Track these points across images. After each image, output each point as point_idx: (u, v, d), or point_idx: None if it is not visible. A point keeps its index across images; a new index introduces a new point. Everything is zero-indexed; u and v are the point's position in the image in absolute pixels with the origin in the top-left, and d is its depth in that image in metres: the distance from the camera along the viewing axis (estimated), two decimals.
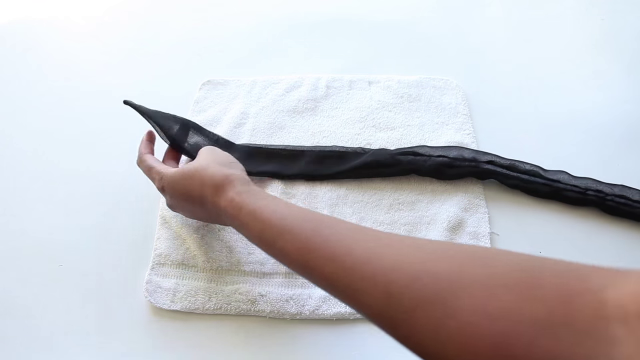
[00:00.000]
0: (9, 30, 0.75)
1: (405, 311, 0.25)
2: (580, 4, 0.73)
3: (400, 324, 0.25)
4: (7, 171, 0.56)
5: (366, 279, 0.27)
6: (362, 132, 0.57)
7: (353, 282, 0.28)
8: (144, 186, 0.53)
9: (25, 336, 0.43)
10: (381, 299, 0.26)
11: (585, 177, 0.50)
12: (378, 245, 0.29)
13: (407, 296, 0.25)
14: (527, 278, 0.23)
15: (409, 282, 0.25)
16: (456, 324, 0.23)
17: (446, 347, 0.23)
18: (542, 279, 0.23)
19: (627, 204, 0.48)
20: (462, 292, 0.23)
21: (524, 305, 0.21)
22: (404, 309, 0.25)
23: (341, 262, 0.29)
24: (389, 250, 0.28)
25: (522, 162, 0.51)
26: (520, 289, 0.22)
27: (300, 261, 0.32)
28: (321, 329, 0.43)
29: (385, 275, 0.27)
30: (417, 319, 0.24)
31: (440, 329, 0.23)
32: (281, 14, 0.75)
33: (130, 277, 0.46)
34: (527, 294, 0.22)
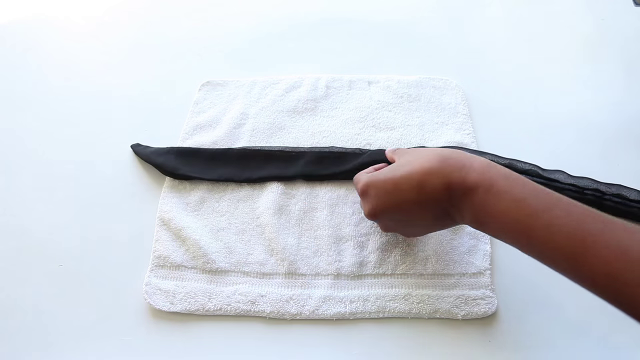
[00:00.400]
0: (9, 30, 0.75)
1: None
2: (579, 3, 0.73)
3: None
4: (7, 171, 0.56)
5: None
6: (362, 132, 0.57)
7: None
8: (144, 187, 0.53)
9: (24, 336, 0.43)
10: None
11: (583, 177, 0.50)
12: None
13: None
14: None
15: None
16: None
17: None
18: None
19: (624, 204, 0.48)
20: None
21: None
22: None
23: (626, 253, 0.26)
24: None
25: (521, 162, 0.51)
26: None
27: (569, 247, 0.28)
28: (321, 329, 0.43)
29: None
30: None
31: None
32: (281, 14, 0.75)
33: (130, 279, 0.46)
34: None
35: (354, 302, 0.43)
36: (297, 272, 0.46)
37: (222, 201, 0.51)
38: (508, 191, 0.32)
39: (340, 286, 0.45)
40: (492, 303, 0.43)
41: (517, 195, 0.32)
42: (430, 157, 0.37)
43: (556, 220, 0.29)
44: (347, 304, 0.43)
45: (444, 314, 0.43)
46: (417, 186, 0.36)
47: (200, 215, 0.50)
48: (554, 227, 0.29)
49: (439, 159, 0.36)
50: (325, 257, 0.47)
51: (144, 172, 0.55)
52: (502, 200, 0.32)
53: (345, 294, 0.44)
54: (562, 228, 0.29)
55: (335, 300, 0.44)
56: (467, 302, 0.43)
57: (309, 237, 0.48)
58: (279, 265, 0.46)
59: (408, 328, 0.43)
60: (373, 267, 0.46)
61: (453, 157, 0.36)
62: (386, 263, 0.46)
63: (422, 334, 0.42)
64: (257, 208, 0.50)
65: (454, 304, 0.43)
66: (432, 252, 0.46)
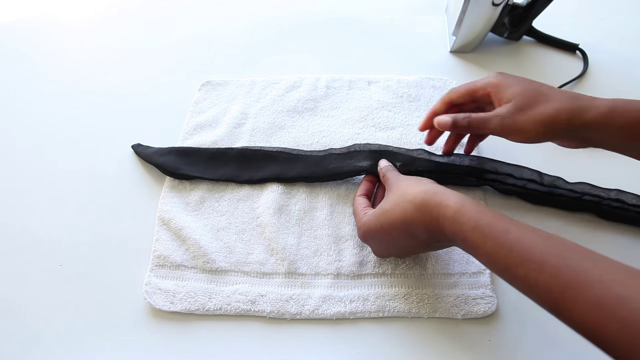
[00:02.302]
0: (10, 30, 0.75)
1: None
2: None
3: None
4: (7, 171, 0.56)
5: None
6: (362, 131, 0.57)
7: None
8: (144, 187, 0.53)
9: (24, 336, 0.43)
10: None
11: (581, 182, 0.50)
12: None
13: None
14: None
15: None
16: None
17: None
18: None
19: (623, 208, 0.47)
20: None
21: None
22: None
23: (611, 310, 0.25)
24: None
25: (522, 167, 0.50)
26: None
27: (549, 299, 0.29)
28: (321, 329, 0.43)
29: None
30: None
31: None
32: (281, 14, 0.75)
33: (130, 278, 0.46)
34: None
35: (353, 302, 0.43)
36: (297, 272, 0.46)
37: (222, 201, 0.51)
38: (480, 246, 0.33)
39: (340, 286, 0.45)
40: (492, 302, 0.43)
41: (488, 249, 0.32)
42: (407, 207, 0.38)
43: (531, 274, 0.29)
44: (347, 304, 0.43)
45: (444, 313, 0.42)
46: (405, 233, 0.39)
47: (200, 215, 0.50)
48: (530, 281, 0.30)
49: (415, 208, 0.37)
50: (325, 257, 0.47)
51: (143, 172, 0.55)
52: (477, 253, 0.34)
53: (345, 294, 0.44)
54: (538, 282, 0.29)
55: (335, 299, 0.44)
56: (467, 301, 0.43)
57: (309, 236, 0.48)
58: (279, 264, 0.46)
59: (408, 327, 0.42)
60: (373, 267, 0.46)
61: (427, 205, 0.37)
62: (386, 262, 0.46)
63: (422, 334, 0.42)
64: (257, 208, 0.50)
65: (453, 303, 0.43)
66: (431, 252, 0.46)
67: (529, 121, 0.40)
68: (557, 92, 0.41)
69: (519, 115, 0.40)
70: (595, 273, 0.27)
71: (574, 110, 0.39)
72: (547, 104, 0.40)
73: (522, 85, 0.42)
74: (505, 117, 0.41)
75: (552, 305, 0.29)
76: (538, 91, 0.41)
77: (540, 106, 0.40)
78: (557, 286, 0.28)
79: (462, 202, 0.35)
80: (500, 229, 0.32)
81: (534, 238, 0.31)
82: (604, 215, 0.48)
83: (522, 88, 0.42)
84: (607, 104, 0.38)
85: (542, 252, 0.29)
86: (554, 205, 0.49)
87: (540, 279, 0.29)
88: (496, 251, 0.32)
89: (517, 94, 0.41)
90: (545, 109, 0.40)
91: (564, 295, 0.27)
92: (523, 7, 0.62)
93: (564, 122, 0.39)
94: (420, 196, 0.37)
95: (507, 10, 0.62)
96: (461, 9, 0.60)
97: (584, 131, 0.39)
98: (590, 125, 0.38)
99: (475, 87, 0.45)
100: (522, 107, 0.41)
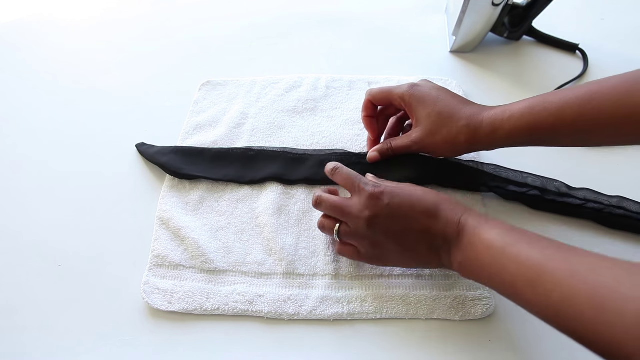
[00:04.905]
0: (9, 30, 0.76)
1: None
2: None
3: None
4: (7, 171, 0.56)
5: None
6: (362, 132, 0.56)
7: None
8: (143, 187, 0.53)
9: (23, 336, 0.44)
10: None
11: (584, 188, 0.49)
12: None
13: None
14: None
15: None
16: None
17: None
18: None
19: (625, 216, 0.47)
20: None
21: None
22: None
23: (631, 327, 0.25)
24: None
25: (525, 173, 0.50)
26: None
27: (550, 314, 0.30)
28: (319, 330, 0.43)
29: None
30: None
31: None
32: (281, 14, 0.75)
33: (128, 278, 0.46)
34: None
35: (351, 303, 0.43)
36: (295, 272, 0.46)
37: (222, 201, 0.51)
38: (473, 273, 0.36)
39: (338, 286, 0.45)
40: (490, 304, 0.43)
41: (483, 280, 0.36)
42: (439, 197, 0.40)
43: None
44: (345, 305, 0.43)
45: (442, 314, 0.42)
46: (422, 224, 0.39)
47: (200, 215, 0.50)
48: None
49: (448, 201, 0.40)
50: (323, 258, 0.47)
51: (143, 171, 0.55)
52: (472, 276, 0.37)
53: (343, 295, 0.44)
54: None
55: (333, 300, 0.44)
56: (464, 303, 0.43)
57: (308, 237, 0.48)
58: (277, 265, 0.46)
59: (406, 329, 0.42)
60: (371, 268, 0.46)
61: (458, 206, 0.39)
62: None
63: (420, 335, 0.42)
64: (257, 208, 0.50)
65: (451, 305, 0.43)
66: None
67: (437, 144, 0.46)
68: (457, 112, 0.45)
69: (429, 139, 0.46)
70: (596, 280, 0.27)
71: (468, 132, 0.44)
72: (448, 128, 0.45)
73: (428, 107, 0.46)
74: (418, 143, 0.47)
75: (563, 325, 0.29)
76: (441, 114, 0.45)
77: (443, 130, 0.45)
78: (573, 307, 0.28)
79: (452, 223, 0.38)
80: (478, 248, 0.35)
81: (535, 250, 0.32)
82: (606, 223, 0.48)
83: (428, 111, 0.46)
84: (490, 119, 0.43)
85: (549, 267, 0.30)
86: (555, 212, 0.49)
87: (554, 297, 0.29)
88: (485, 283, 0.35)
89: (424, 117, 0.46)
90: (447, 133, 0.45)
91: (582, 315, 0.27)
92: (523, 7, 0.62)
93: (464, 143, 0.45)
94: (448, 197, 0.41)
95: (507, 10, 0.61)
96: (461, 9, 0.60)
97: (480, 146, 0.45)
98: (483, 142, 0.44)
99: (391, 96, 0.49)
100: (429, 132, 0.46)
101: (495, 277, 0.34)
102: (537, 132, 0.41)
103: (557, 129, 0.40)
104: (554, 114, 0.40)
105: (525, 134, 0.42)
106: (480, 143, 0.45)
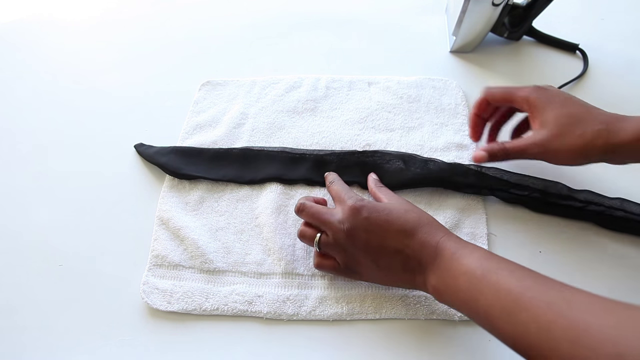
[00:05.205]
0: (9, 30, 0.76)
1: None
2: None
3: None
4: (7, 171, 0.56)
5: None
6: (362, 132, 0.56)
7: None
8: (143, 187, 0.53)
9: (23, 336, 0.44)
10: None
11: (584, 190, 0.49)
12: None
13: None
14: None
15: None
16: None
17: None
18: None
19: (626, 218, 0.47)
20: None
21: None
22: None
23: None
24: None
25: (528, 177, 0.50)
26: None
27: (525, 345, 0.29)
28: (318, 330, 0.43)
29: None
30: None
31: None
32: (281, 14, 0.75)
33: (128, 278, 0.46)
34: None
35: (350, 303, 0.43)
36: (294, 272, 0.46)
37: (222, 201, 0.51)
38: (447, 297, 0.36)
39: (337, 286, 0.45)
40: None
41: (457, 305, 0.36)
42: (421, 215, 0.40)
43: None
44: (345, 305, 0.43)
45: (441, 315, 0.42)
46: (399, 241, 0.39)
47: (199, 215, 0.50)
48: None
49: (428, 221, 0.40)
50: None
51: (143, 171, 0.55)
52: (446, 300, 0.37)
53: (342, 295, 0.44)
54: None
55: (332, 300, 0.44)
56: None
57: None
58: (276, 265, 0.46)
59: (405, 329, 0.42)
60: None
61: (439, 228, 0.39)
62: None
63: (420, 335, 0.42)
64: (256, 208, 0.50)
65: None
66: None
67: (564, 149, 0.42)
68: (591, 116, 0.42)
69: (554, 143, 0.42)
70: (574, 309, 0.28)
71: (608, 136, 0.40)
72: (581, 131, 0.41)
73: (557, 109, 0.43)
74: (540, 145, 0.43)
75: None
76: (572, 116, 0.42)
77: (574, 133, 0.41)
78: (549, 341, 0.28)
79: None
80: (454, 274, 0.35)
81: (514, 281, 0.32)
82: (607, 225, 0.48)
83: (556, 113, 0.43)
84: (634, 126, 0.40)
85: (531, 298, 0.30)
86: (557, 214, 0.49)
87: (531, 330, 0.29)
88: (458, 307, 0.35)
89: (551, 119, 0.43)
90: (579, 137, 0.41)
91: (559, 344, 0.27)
92: (523, 7, 0.62)
93: (598, 149, 0.41)
94: (431, 218, 0.40)
95: (507, 10, 0.61)
96: (461, 9, 0.59)
97: (617, 154, 0.41)
98: (622, 148, 0.40)
99: (513, 97, 0.47)
100: (556, 134, 0.42)
101: (470, 302, 0.33)
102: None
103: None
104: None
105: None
106: (618, 151, 0.41)
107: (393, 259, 0.39)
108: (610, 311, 0.27)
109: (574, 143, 0.41)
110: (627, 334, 0.25)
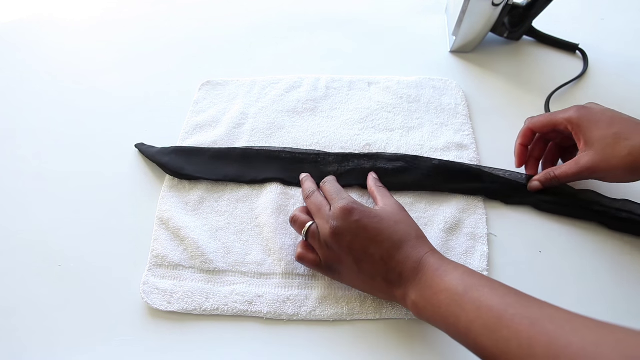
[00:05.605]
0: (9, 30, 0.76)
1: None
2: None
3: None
4: (7, 171, 0.56)
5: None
6: (362, 133, 0.56)
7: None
8: (143, 187, 0.53)
9: (22, 336, 0.44)
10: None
11: (587, 190, 0.49)
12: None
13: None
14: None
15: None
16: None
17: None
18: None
19: (630, 219, 0.46)
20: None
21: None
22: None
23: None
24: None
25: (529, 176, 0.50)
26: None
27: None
28: (318, 330, 0.43)
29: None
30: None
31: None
32: (281, 14, 0.75)
33: (128, 278, 0.46)
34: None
35: (351, 303, 0.43)
36: (294, 272, 0.46)
37: (222, 201, 0.51)
38: (426, 312, 0.36)
39: (337, 287, 0.45)
40: None
41: (436, 320, 0.36)
42: (410, 231, 0.41)
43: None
44: (345, 305, 0.43)
45: None
46: (387, 250, 0.39)
47: (200, 215, 0.50)
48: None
49: (416, 237, 0.40)
50: None
51: (143, 171, 0.55)
52: (425, 315, 0.37)
53: (342, 295, 0.44)
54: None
55: (332, 300, 0.44)
56: None
57: None
58: (276, 265, 0.46)
59: (406, 329, 0.42)
60: None
61: (425, 243, 0.40)
62: None
63: (420, 335, 0.42)
64: (257, 208, 0.50)
65: None
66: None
67: (614, 168, 0.42)
68: (638, 131, 0.42)
69: (603, 164, 0.42)
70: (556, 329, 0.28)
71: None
72: (628, 150, 0.41)
73: (603, 129, 0.43)
74: (588, 169, 0.43)
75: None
76: (619, 135, 0.42)
77: (622, 151, 0.41)
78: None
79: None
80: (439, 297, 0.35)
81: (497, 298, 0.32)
82: (611, 225, 0.47)
83: (602, 133, 0.43)
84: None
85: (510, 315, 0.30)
86: (560, 214, 0.49)
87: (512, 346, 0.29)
88: (440, 329, 0.35)
89: (597, 139, 0.43)
90: (628, 153, 0.41)
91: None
92: (523, 7, 0.62)
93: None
94: (420, 233, 0.40)
95: (507, 10, 0.61)
96: (461, 9, 0.60)
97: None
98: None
99: (555, 121, 0.47)
100: (604, 156, 0.42)
101: (451, 318, 0.33)
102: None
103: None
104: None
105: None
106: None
107: (374, 267, 0.39)
108: (591, 328, 0.27)
109: (621, 162, 0.41)
110: (607, 352, 0.25)
